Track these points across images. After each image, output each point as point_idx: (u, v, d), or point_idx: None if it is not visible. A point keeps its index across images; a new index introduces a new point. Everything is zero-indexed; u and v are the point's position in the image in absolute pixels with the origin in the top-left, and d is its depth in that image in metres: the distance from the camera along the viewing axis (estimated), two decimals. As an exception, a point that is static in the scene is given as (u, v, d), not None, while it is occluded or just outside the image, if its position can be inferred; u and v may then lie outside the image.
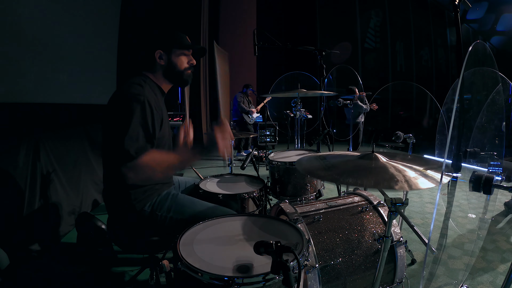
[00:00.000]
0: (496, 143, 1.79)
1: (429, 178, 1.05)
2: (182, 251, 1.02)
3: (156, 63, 1.47)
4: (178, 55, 1.49)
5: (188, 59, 1.53)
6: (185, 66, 1.52)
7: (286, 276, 0.76)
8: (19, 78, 2.30)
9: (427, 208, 3.37)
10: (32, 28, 2.37)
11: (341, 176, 1.11)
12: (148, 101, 1.32)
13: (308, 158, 1.40)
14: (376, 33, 10.22)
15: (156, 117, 1.36)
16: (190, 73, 1.55)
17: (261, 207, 1.88)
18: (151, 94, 1.39)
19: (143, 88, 1.35)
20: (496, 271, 2.09)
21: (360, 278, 1.36)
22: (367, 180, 1.06)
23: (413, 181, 1.02)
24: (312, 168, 1.27)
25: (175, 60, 1.48)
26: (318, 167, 1.26)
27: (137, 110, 1.28)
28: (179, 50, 1.49)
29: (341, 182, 1.09)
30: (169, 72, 1.50)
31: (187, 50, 1.51)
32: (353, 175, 1.11)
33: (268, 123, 6.70)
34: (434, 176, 1.06)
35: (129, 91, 1.33)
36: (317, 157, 1.41)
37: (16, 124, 2.28)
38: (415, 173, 1.08)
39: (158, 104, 1.42)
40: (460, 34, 1.29)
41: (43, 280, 2.01)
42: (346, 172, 1.15)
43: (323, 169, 1.21)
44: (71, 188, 2.75)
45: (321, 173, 1.19)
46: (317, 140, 2.37)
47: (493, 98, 1.83)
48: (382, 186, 1.08)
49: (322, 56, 2.43)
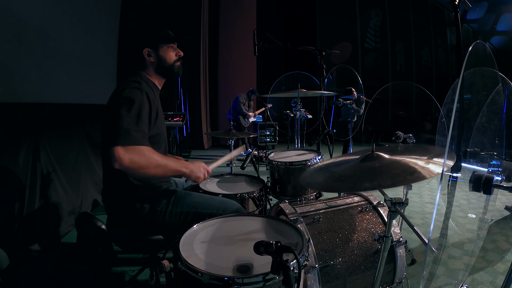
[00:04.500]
0: (496, 143, 1.79)
1: (437, 164, 1.03)
2: (182, 251, 1.02)
3: (146, 61, 1.53)
4: (165, 49, 1.54)
5: (176, 51, 1.58)
6: (174, 59, 1.57)
7: (286, 276, 0.76)
8: (19, 78, 2.30)
9: (427, 208, 3.37)
10: (32, 28, 2.37)
11: (356, 183, 1.07)
12: (146, 92, 1.38)
13: (310, 173, 1.34)
14: (376, 33, 10.22)
15: (153, 110, 1.40)
16: (179, 65, 1.60)
17: (261, 207, 1.88)
18: (148, 89, 1.44)
19: (140, 84, 1.41)
20: (496, 271, 2.09)
21: (360, 278, 1.36)
22: (383, 180, 1.02)
23: (426, 168, 0.99)
24: (322, 182, 1.20)
25: (164, 54, 1.53)
26: (327, 180, 1.19)
27: (135, 99, 1.32)
28: (165, 45, 1.53)
29: (358, 189, 1.06)
30: (160, 67, 1.55)
31: (173, 43, 1.56)
32: (367, 179, 1.06)
33: (268, 123, 6.70)
34: (440, 162, 1.04)
35: (127, 86, 1.38)
36: (318, 169, 1.36)
37: (16, 124, 2.28)
38: (422, 162, 1.06)
39: (155, 100, 1.47)
40: (460, 34, 1.30)
41: (43, 280, 2.01)
42: (358, 178, 1.10)
43: (334, 180, 1.15)
44: (71, 188, 2.75)
45: (335, 185, 1.13)
46: (317, 140, 2.37)
47: (493, 98, 1.83)
48: (401, 182, 1.00)
49: (322, 56, 2.43)
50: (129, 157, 1.20)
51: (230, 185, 1.98)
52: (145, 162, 1.26)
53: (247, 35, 7.23)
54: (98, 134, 3.27)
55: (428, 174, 0.97)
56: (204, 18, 6.95)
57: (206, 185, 1.94)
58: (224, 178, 2.12)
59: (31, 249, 2.18)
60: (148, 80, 1.52)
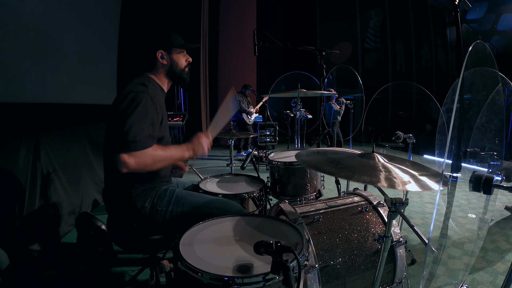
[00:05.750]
0: (496, 143, 1.79)
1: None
2: (182, 251, 1.02)
3: (158, 63, 1.52)
4: (178, 54, 1.55)
5: (185, 57, 1.59)
6: (184, 65, 1.58)
7: (286, 276, 0.76)
8: (19, 78, 2.30)
9: (427, 208, 3.37)
10: (32, 28, 2.37)
11: (355, 173, 1.07)
12: (151, 97, 1.38)
13: (307, 153, 1.38)
14: (376, 33, 10.21)
15: (158, 114, 1.41)
16: (188, 71, 1.61)
17: (261, 207, 1.88)
18: (154, 92, 1.44)
19: (147, 87, 1.41)
20: (496, 271, 2.09)
21: (360, 278, 1.35)
22: (381, 181, 1.03)
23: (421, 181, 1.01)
24: (318, 163, 1.21)
25: (176, 59, 1.55)
26: (323, 162, 1.20)
27: (141, 103, 1.32)
28: (179, 49, 1.55)
29: (355, 179, 1.06)
30: (171, 71, 1.55)
31: (185, 49, 1.58)
32: (365, 173, 1.07)
33: (268, 123, 6.69)
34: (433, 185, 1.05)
35: (133, 89, 1.38)
36: (315, 152, 1.39)
37: (16, 124, 2.28)
38: (414, 175, 1.08)
39: (161, 104, 1.47)
40: (460, 34, 1.29)
41: (43, 280, 2.01)
42: (356, 170, 1.10)
43: (332, 165, 1.15)
44: (71, 188, 2.75)
45: (331, 169, 1.13)
46: (317, 140, 2.37)
47: (493, 98, 1.83)
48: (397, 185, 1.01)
49: (322, 56, 2.43)
50: (134, 161, 1.25)
51: (230, 185, 1.98)
52: (151, 161, 1.30)
53: (247, 35, 7.23)
54: (98, 134, 3.27)
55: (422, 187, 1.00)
56: (204, 18, 6.94)
57: (206, 185, 1.94)
58: (224, 178, 2.12)
59: (31, 249, 2.18)
60: (155, 83, 1.52)
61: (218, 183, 2.01)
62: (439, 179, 1.05)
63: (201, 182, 1.97)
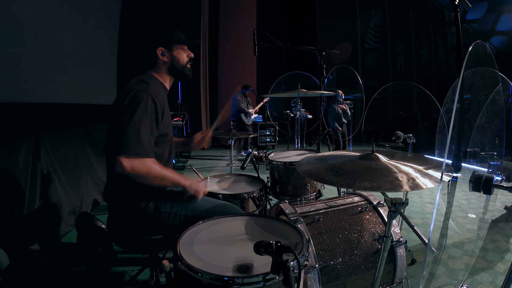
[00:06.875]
0: (496, 143, 1.79)
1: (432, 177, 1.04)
2: (182, 251, 1.02)
3: (159, 60, 1.52)
4: (178, 50, 1.55)
5: (187, 53, 1.59)
6: (186, 61, 1.58)
7: (286, 276, 0.76)
8: (19, 78, 2.30)
9: (427, 208, 3.37)
10: (32, 28, 2.37)
11: (356, 180, 1.05)
12: (152, 97, 1.37)
13: (307, 161, 1.33)
14: (376, 33, 10.21)
15: (159, 114, 1.40)
16: (190, 67, 1.61)
17: (261, 207, 1.88)
18: (155, 91, 1.43)
19: (148, 85, 1.40)
20: (496, 271, 2.09)
21: (360, 278, 1.36)
22: (383, 183, 1.01)
23: (422, 180, 1.01)
24: (320, 173, 1.17)
25: (177, 55, 1.54)
26: (323, 171, 1.17)
27: (142, 102, 1.32)
28: (179, 45, 1.54)
29: (356, 187, 1.05)
30: (172, 67, 1.55)
31: (185, 45, 1.58)
32: (366, 179, 1.04)
33: (268, 123, 6.70)
34: (436, 174, 1.06)
35: (134, 87, 1.37)
36: (315, 158, 1.35)
37: (16, 124, 2.28)
38: (418, 172, 1.07)
39: (162, 101, 1.46)
40: (460, 34, 1.29)
41: (43, 280, 2.01)
42: (358, 176, 1.07)
43: (333, 174, 1.13)
44: (71, 188, 2.75)
45: (331, 178, 1.10)
46: (317, 140, 2.37)
47: (493, 98, 1.83)
48: (400, 187, 0.99)
49: (322, 56, 2.43)
50: (131, 166, 1.25)
51: (230, 185, 1.98)
52: (146, 172, 1.30)
53: (247, 35, 7.23)
54: (98, 134, 3.27)
55: (424, 185, 0.99)
56: (204, 18, 6.95)
57: (206, 185, 1.94)
58: (224, 178, 2.12)
59: (31, 249, 2.18)
60: (156, 81, 1.52)
61: (218, 183, 2.01)
62: (441, 175, 1.05)
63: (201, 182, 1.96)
